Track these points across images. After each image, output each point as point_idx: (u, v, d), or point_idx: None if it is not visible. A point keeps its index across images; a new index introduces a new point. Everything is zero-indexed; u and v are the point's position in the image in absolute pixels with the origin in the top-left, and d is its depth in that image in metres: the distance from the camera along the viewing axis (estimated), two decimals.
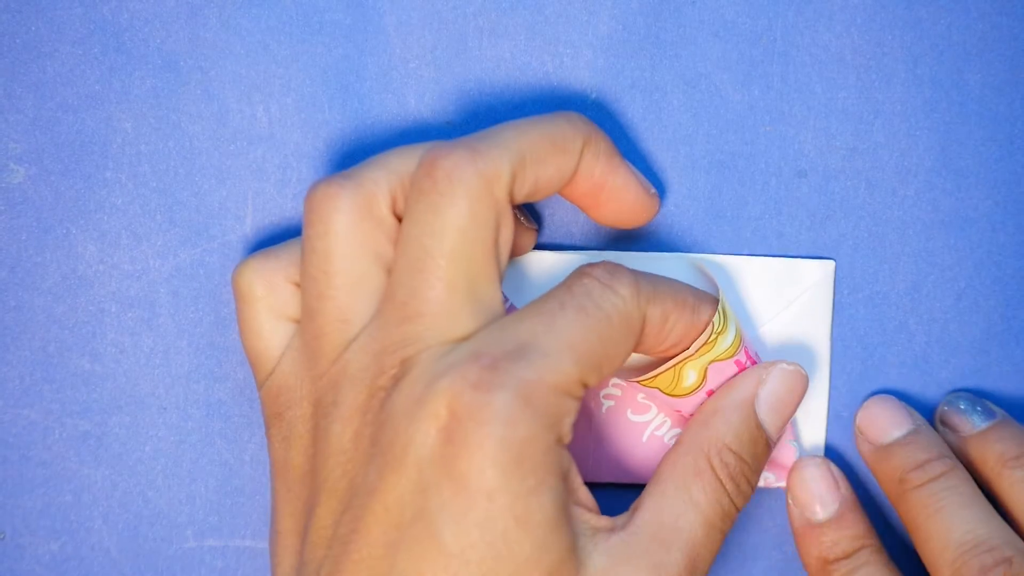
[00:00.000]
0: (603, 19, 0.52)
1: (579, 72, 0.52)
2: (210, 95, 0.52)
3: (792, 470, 0.51)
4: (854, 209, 0.52)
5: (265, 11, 0.52)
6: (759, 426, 0.48)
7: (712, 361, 0.49)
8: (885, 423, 0.51)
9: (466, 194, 0.44)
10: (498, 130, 0.46)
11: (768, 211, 0.52)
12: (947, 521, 0.48)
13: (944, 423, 0.52)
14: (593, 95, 0.52)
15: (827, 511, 0.50)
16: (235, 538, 0.52)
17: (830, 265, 0.52)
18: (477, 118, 0.52)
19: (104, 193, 0.52)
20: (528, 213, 0.51)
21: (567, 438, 0.44)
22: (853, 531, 0.50)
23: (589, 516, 0.45)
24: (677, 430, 0.51)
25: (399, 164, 0.46)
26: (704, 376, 0.49)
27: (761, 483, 0.51)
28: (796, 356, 0.52)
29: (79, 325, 0.52)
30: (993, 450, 0.50)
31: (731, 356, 0.49)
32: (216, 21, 0.52)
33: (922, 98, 0.52)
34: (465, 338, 0.44)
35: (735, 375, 0.49)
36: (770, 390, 0.48)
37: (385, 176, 0.46)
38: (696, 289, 0.48)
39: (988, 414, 0.51)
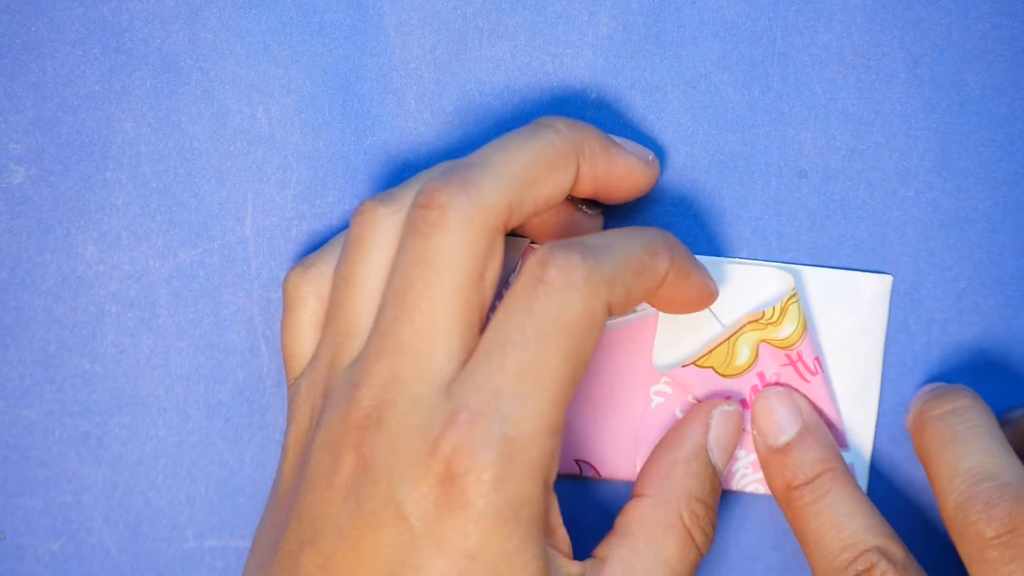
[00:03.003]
0: (603, 19, 0.52)
1: (579, 72, 0.52)
2: (210, 95, 0.52)
3: (755, 400, 0.51)
4: (854, 209, 0.52)
5: (265, 12, 0.52)
6: (715, 471, 0.49)
7: (763, 340, 0.50)
8: (930, 394, 0.51)
9: (459, 226, 0.44)
10: (491, 154, 0.45)
11: (768, 211, 0.52)
12: (959, 451, 0.48)
13: (1006, 423, 0.51)
14: (593, 95, 0.52)
15: (787, 435, 0.50)
16: (235, 539, 0.52)
17: (887, 280, 0.52)
18: (477, 118, 0.52)
19: (104, 193, 0.52)
20: (590, 202, 0.51)
21: (553, 477, 0.44)
22: (814, 455, 0.49)
23: (563, 563, 0.45)
24: None
25: None
26: (756, 354, 0.50)
27: None
28: (848, 368, 0.52)
29: (79, 325, 0.52)
30: None
31: (784, 348, 0.50)
32: (216, 21, 0.52)
33: (922, 98, 0.52)
34: (442, 376, 0.44)
35: (784, 366, 0.50)
36: (717, 434, 0.50)
37: None
38: (648, 241, 0.46)
39: None
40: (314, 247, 0.52)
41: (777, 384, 0.51)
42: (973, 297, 0.52)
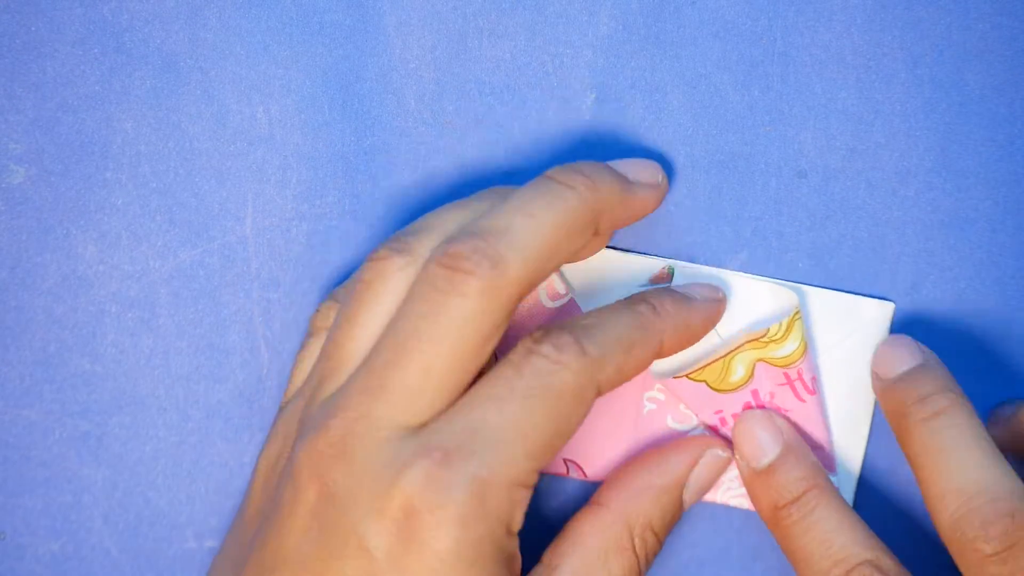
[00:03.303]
0: (603, 19, 0.52)
1: (579, 72, 0.52)
2: (210, 96, 0.52)
3: (735, 426, 0.51)
4: (854, 209, 0.52)
5: (265, 12, 0.52)
6: (681, 507, 0.50)
7: (760, 359, 0.50)
8: (894, 358, 0.50)
9: (478, 294, 0.44)
10: (515, 220, 0.45)
11: (768, 211, 0.52)
12: (949, 464, 0.47)
13: (994, 423, 0.51)
14: (593, 95, 0.52)
15: (770, 456, 0.50)
16: None
17: (889, 307, 0.52)
18: (477, 118, 0.52)
19: (104, 193, 0.52)
20: None
21: (519, 525, 0.45)
22: (798, 473, 0.49)
23: None
24: None
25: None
26: (751, 373, 0.50)
27: None
28: (842, 392, 0.52)
29: (79, 325, 0.52)
30: None
31: (784, 366, 0.50)
32: (216, 21, 0.52)
33: (922, 98, 0.52)
34: (419, 422, 0.44)
35: (780, 385, 0.50)
36: (700, 474, 0.50)
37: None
38: (638, 317, 0.47)
39: None
40: (314, 247, 0.52)
41: (763, 406, 0.51)
42: (973, 297, 0.52)
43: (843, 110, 0.52)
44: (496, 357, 0.49)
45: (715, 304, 0.50)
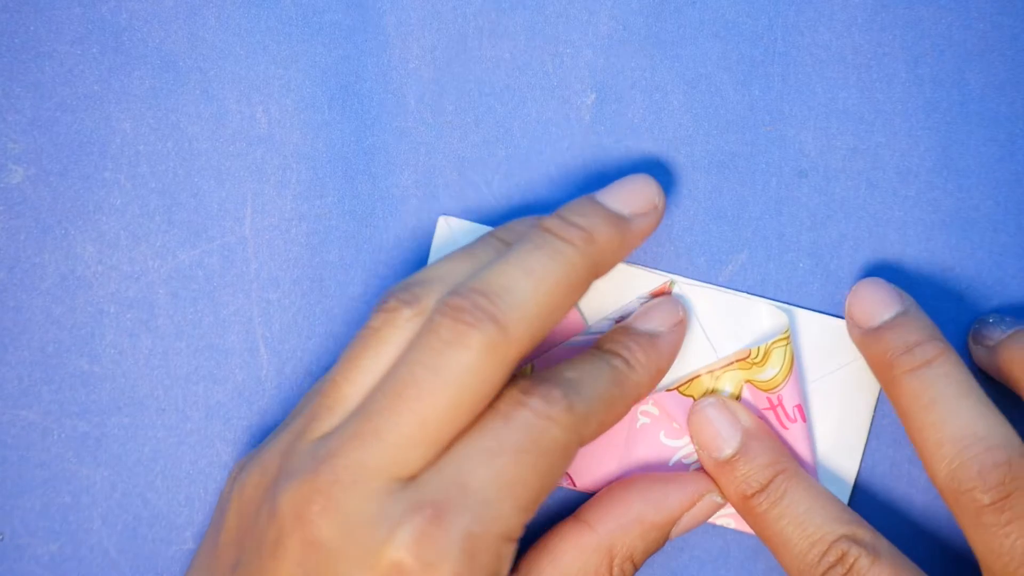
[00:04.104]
0: (603, 19, 0.52)
1: (579, 72, 0.52)
2: (209, 95, 0.52)
3: (690, 414, 0.50)
4: (854, 209, 0.52)
5: (265, 11, 0.52)
6: (666, 541, 0.50)
7: (748, 380, 0.50)
8: (873, 306, 0.50)
9: (480, 348, 0.44)
10: (517, 279, 0.45)
11: (768, 211, 0.52)
12: (943, 414, 0.47)
13: (976, 341, 0.51)
14: (593, 95, 0.52)
15: (731, 446, 0.50)
16: None
17: None
18: (477, 118, 0.52)
19: (103, 194, 0.52)
20: None
21: (505, 573, 0.45)
22: (762, 460, 0.49)
23: None
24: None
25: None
26: (739, 394, 0.50)
27: None
28: (836, 420, 0.51)
29: (78, 326, 0.52)
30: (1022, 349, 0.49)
31: (766, 391, 0.50)
32: (216, 21, 0.52)
33: (923, 98, 0.52)
34: (408, 473, 0.44)
35: (765, 409, 0.50)
36: (693, 515, 0.50)
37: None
38: (616, 374, 0.48)
39: (1015, 323, 0.50)
40: (314, 247, 0.52)
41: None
42: (974, 298, 0.52)
43: (844, 110, 0.52)
44: None
45: (678, 330, 0.50)
